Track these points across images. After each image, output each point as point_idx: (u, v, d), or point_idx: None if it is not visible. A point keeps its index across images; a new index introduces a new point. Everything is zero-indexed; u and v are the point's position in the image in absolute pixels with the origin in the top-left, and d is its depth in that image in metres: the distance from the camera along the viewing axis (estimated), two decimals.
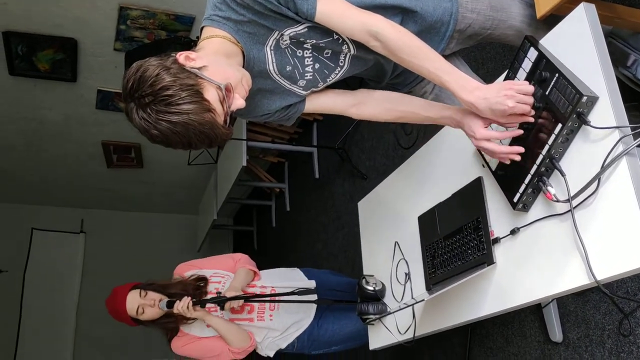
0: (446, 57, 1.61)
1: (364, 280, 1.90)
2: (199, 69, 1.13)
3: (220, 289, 2.25)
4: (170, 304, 2.11)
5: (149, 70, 1.10)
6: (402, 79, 1.59)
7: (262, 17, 1.22)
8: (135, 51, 3.67)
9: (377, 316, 1.84)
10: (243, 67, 1.26)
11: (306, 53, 1.33)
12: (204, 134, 1.12)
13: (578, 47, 1.15)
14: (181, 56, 1.14)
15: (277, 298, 2.21)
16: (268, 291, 2.31)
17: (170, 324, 2.22)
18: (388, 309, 1.84)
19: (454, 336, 2.68)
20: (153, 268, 6.64)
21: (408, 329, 1.70)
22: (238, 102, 1.17)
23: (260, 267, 2.49)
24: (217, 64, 1.16)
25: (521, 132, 1.23)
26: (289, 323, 2.29)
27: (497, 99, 1.17)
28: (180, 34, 3.96)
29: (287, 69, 1.33)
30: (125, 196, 6.54)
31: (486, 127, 1.27)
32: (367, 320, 1.89)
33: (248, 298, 2.15)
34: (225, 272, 2.36)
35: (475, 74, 1.70)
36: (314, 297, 2.25)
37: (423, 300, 1.42)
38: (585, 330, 1.97)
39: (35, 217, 6.41)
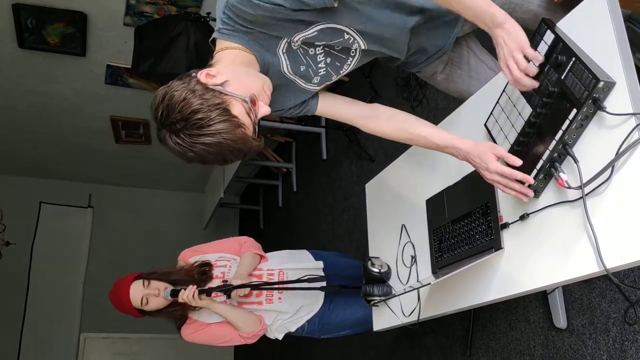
0: (460, 38, 1.59)
1: (369, 262, 1.90)
2: (221, 85, 1.15)
3: (226, 274, 2.21)
4: (174, 293, 2.04)
5: (175, 97, 1.13)
6: (414, 59, 1.57)
7: (269, 28, 1.23)
8: (145, 26, 3.64)
9: (382, 298, 1.84)
10: (259, 72, 1.28)
11: (318, 50, 1.34)
12: (237, 149, 1.16)
13: (596, 31, 1.12)
14: (202, 75, 1.16)
15: (284, 285, 2.17)
16: (275, 274, 2.26)
17: (176, 312, 2.15)
18: (393, 292, 1.84)
19: (456, 319, 2.69)
20: (159, 244, 6.72)
21: (412, 312, 1.70)
22: (263, 109, 1.21)
23: (266, 247, 2.46)
24: (237, 77, 1.18)
25: (531, 179, 1.21)
26: (298, 305, 2.25)
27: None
28: (190, 9, 3.93)
29: (302, 70, 1.35)
30: (132, 172, 6.56)
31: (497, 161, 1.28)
32: (372, 302, 1.89)
33: (254, 286, 2.09)
34: (230, 255, 2.30)
35: (489, 54, 1.67)
36: (323, 283, 2.21)
37: (429, 284, 1.42)
38: (590, 317, 1.97)
39: (43, 190, 6.45)
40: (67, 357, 6.06)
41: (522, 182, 1.23)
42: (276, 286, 2.17)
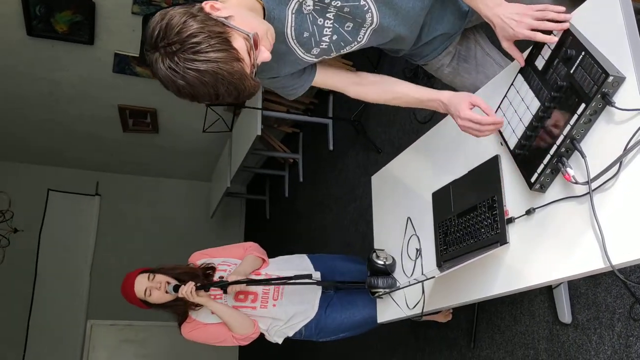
0: (468, 32, 1.58)
1: (374, 254, 1.90)
2: (226, 18, 1.09)
3: (227, 277, 2.30)
4: (176, 288, 2.17)
5: (175, 18, 1.06)
6: (420, 51, 1.56)
7: None
8: (153, 15, 3.63)
9: (386, 290, 1.85)
10: None
11: (327, 23, 1.30)
12: (233, 84, 1.07)
13: (606, 24, 1.11)
14: (207, 5, 1.10)
15: (278, 282, 2.23)
16: (274, 276, 2.34)
17: (179, 307, 2.28)
18: (398, 284, 1.85)
19: (461, 312, 2.69)
20: (166, 232, 6.76)
21: (417, 304, 1.70)
22: (264, 54, 1.14)
23: (272, 237, 2.50)
24: (242, 15, 1.12)
25: (502, 120, 1.31)
26: (291, 313, 2.33)
27: (506, 20, 1.22)
28: None
29: (304, 35, 1.31)
30: (140, 161, 6.58)
31: (471, 109, 1.34)
32: (376, 294, 1.90)
33: (249, 282, 2.18)
34: (234, 260, 2.41)
35: (497, 49, 1.66)
36: (317, 279, 2.32)
37: (433, 277, 1.42)
38: (595, 312, 1.96)
39: (51, 178, 6.49)
40: (74, 344, 6.12)
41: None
42: (272, 284, 2.25)
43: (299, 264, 2.48)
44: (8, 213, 5.11)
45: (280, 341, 2.38)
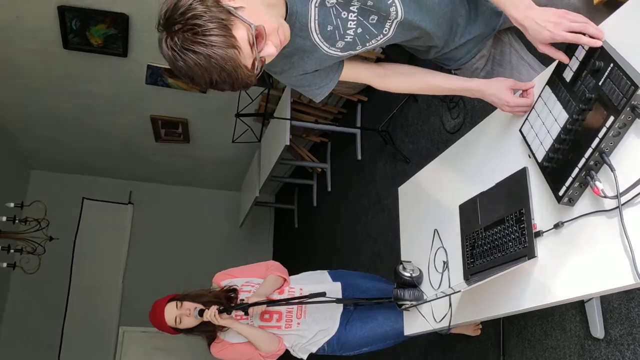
0: (502, 34, 1.56)
1: (401, 266, 1.89)
2: (235, 8, 1.11)
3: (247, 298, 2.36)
4: (201, 313, 2.25)
5: (183, 0, 1.10)
6: (452, 55, 1.54)
7: None
8: None
9: (413, 303, 1.83)
10: (285, 20, 1.24)
11: (351, 16, 1.30)
12: (226, 70, 1.10)
13: (636, 36, 1.09)
14: None
15: (297, 301, 2.27)
16: (296, 293, 2.41)
17: (207, 331, 2.36)
18: (424, 297, 1.83)
19: (490, 325, 2.65)
20: (196, 241, 6.83)
21: (444, 318, 1.68)
22: (270, 49, 1.15)
23: (301, 247, 2.54)
24: (254, 8, 1.14)
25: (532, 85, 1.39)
26: (315, 330, 2.38)
27: (542, 23, 1.18)
28: None
29: (329, 29, 1.31)
30: (171, 170, 6.69)
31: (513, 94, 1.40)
32: (403, 307, 1.88)
33: (269, 303, 2.23)
34: (256, 280, 2.47)
35: (532, 54, 1.63)
36: (338, 296, 2.37)
37: (460, 290, 1.41)
38: (629, 328, 1.91)
39: (86, 187, 6.66)
40: (107, 350, 6.23)
41: None
42: (290, 304, 2.28)
43: (319, 279, 2.52)
44: (44, 221, 5.23)
45: (305, 357, 2.43)
